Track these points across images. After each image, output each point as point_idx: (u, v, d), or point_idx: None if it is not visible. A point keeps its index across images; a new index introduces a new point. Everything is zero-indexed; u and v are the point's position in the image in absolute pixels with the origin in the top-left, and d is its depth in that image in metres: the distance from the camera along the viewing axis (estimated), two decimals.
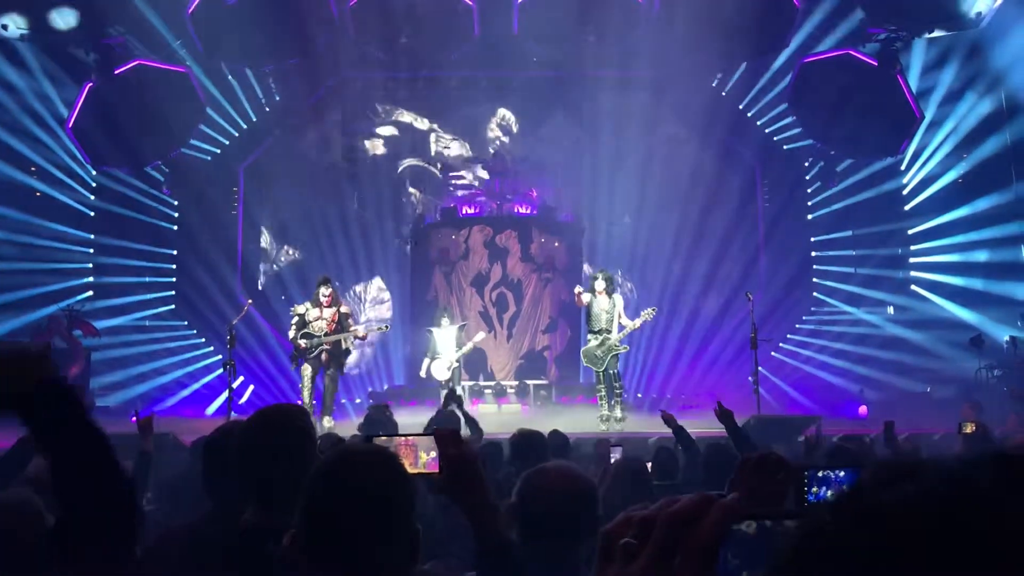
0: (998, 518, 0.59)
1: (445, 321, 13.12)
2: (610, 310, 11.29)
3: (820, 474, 1.85)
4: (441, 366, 12.77)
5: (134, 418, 5.37)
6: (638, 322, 11.26)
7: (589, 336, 11.48)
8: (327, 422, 10.64)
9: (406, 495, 1.70)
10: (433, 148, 18.03)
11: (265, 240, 18.28)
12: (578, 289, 12.41)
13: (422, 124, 18.20)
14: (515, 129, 18.32)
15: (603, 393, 11.38)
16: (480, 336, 13.46)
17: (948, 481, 0.62)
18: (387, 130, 18.17)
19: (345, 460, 1.71)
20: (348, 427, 10.61)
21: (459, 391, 12.47)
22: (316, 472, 1.69)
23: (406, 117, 18.15)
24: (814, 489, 1.83)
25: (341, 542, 1.63)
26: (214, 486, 2.71)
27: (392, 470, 1.71)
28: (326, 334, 10.95)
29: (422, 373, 13.02)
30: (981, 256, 16.98)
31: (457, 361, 12.80)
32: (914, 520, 0.61)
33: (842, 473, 1.86)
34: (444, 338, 12.93)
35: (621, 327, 11.26)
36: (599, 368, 11.30)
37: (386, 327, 12.54)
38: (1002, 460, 0.63)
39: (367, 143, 18.10)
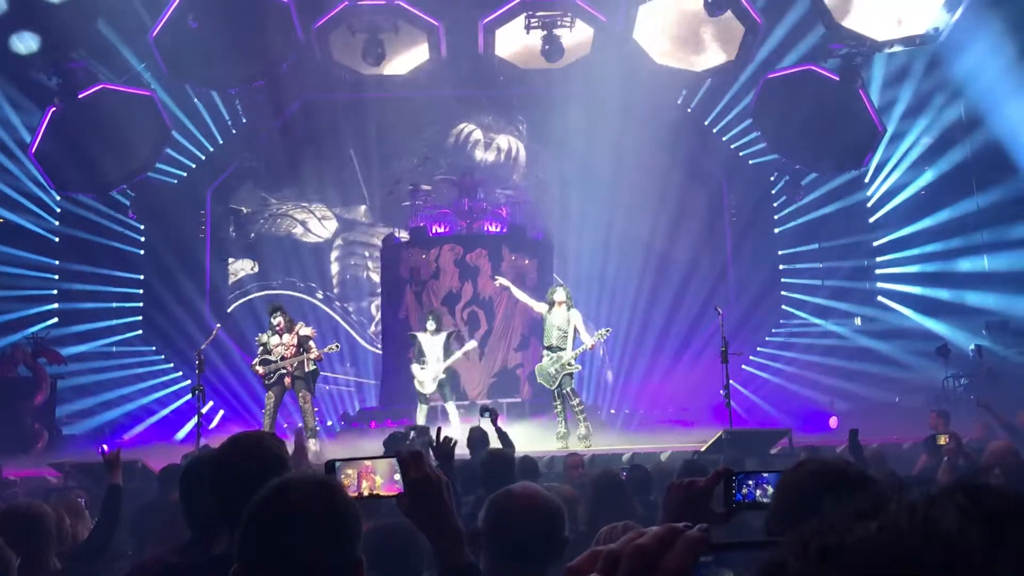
0: (962, 564, 0.58)
1: (431, 325, 12.18)
2: (563, 326, 11.01)
3: (748, 476, 1.93)
4: (427, 376, 11.90)
5: (101, 451, 5.26)
6: (592, 342, 10.96)
7: (544, 352, 11.23)
8: (312, 446, 10.50)
9: (344, 523, 1.65)
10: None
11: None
12: (498, 280, 12.73)
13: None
14: (480, 146, 18.43)
15: (560, 410, 11.19)
16: (471, 345, 12.86)
17: (911, 520, 0.61)
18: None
19: (276, 490, 1.68)
20: (329, 451, 10.54)
21: (453, 406, 12.17)
22: (251, 503, 1.67)
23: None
24: (743, 490, 1.91)
25: (274, 573, 1.60)
26: (192, 515, 2.68)
27: (328, 497, 1.67)
28: (282, 358, 10.91)
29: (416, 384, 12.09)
30: (946, 266, 17.22)
31: (444, 372, 11.98)
32: (874, 560, 0.60)
33: (765, 475, 1.93)
34: (430, 345, 12.02)
35: (579, 343, 11.01)
36: (552, 386, 11.09)
37: (336, 346, 12.18)
38: (969, 495, 0.61)
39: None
